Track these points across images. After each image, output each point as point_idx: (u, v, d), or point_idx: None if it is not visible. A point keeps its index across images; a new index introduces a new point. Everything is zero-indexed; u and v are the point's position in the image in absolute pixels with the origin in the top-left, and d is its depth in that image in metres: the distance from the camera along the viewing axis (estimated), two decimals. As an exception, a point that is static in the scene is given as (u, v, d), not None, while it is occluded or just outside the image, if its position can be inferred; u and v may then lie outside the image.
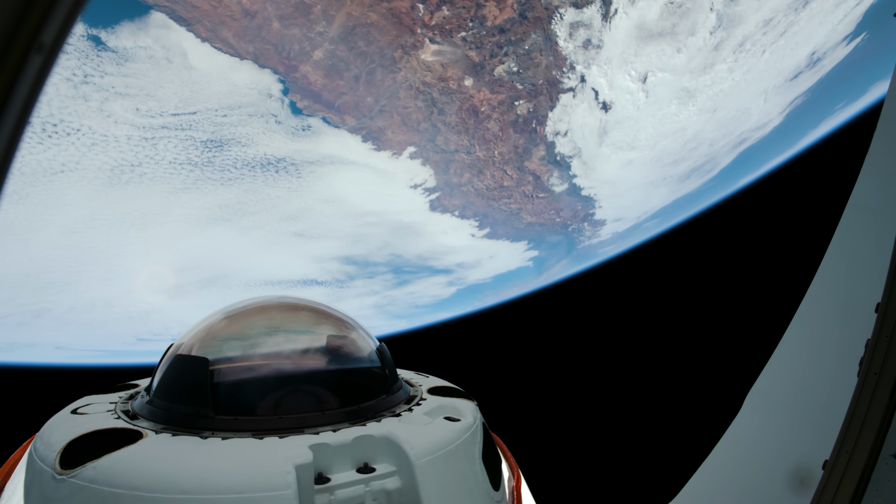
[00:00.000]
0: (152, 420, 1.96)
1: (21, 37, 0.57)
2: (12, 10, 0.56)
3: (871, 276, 2.36)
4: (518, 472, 2.90)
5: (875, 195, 2.71)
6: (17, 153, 0.64)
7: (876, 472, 2.09)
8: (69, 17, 0.61)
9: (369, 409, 2.15)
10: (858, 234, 2.78)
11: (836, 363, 2.60)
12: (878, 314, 2.18)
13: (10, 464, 2.40)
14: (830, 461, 2.26)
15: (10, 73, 0.58)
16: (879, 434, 2.09)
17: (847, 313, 2.67)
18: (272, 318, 2.63)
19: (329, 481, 1.72)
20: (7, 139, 0.61)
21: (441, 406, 2.35)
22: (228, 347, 2.41)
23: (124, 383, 2.66)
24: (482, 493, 2.03)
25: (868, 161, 2.74)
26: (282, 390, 2.17)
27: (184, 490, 1.47)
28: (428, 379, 2.90)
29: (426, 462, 1.79)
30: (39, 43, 0.59)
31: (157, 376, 2.26)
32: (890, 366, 2.09)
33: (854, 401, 2.21)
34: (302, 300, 2.77)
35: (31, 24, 0.58)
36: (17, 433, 2.86)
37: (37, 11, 0.58)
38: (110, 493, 1.47)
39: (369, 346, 2.63)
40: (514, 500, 2.59)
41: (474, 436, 2.13)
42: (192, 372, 2.10)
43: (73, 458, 1.60)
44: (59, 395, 2.44)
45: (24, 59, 0.58)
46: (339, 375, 2.49)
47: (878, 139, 2.69)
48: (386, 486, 1.78)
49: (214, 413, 1.91)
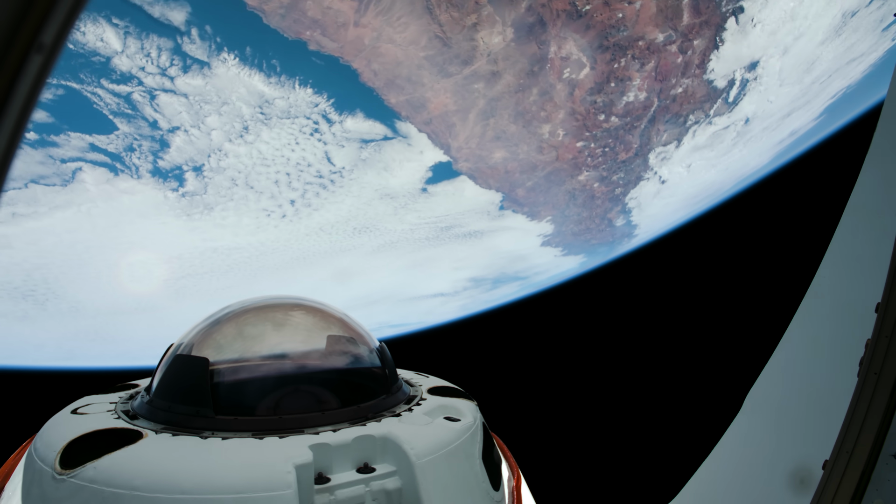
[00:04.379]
0: (152, 420, 1.96)
1: (21, 37, 0.57)
2: (12, 10, 0.56)
3: (871, 276, 2.36)
4: (518, 472, 2.90)
5: (875, 195, 2.71)
6: (17, 153, 0.64)
7: (876, 472, 2.09)
8: (69, 17, 0.61)
9: (369, 409, 2.15)
10: (858, 234, 2.78)
11: (836, 363, 2.60)
12: (878, 314, 2.18)
13: (9, 464, 2.40)
14: (830, 461, 2.26)
15: (10, 73, 0.58)
16: (879, 434, 2.09)
17: (847, 313, 2.67)
18: (272, 318, 2.63)
19: (329, 481, 1.72)
20: (7, 139, 0.61)
21: (441, 406, 2.35)
22: (228, 347, 2.41)
23: (124, 383, 2.65)
24: (482, 493, 2.03)
25: (868, 161, 2.73)
26: (282, 390, 2.17)
27: (184, 490, 1.47)
28: (428, 379, 2.90)
29: (426, 462, 1.79)
30: (39, 43, 0.59)
31: (157, 376, 2.26)
32: (890, 366, 2.09)
33: (854, 401, 2.21)
34: (302, 300, 2.76)
35: (31, 24, 0.58)
36: (17, 433, 2.86)
37: (37, 11, 0.58)
38: (110, 493, 1.47)
39: (369, 346, 2.63)
40: (514, 500, 2.59)
41: (474, 436, 2.13)
42: (193, 372, 2.10)
43: (73, 458, 1.60)
44: (60, 396, 2.44)
45: (24, 59, 0.58)
46: (339, 375, 2.49)
47: (878, 139, 2.69)
48: (386, 486, 1.77)
49: (214, 413, 1.91)
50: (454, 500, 1.87)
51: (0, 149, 0.61)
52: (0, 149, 0.61)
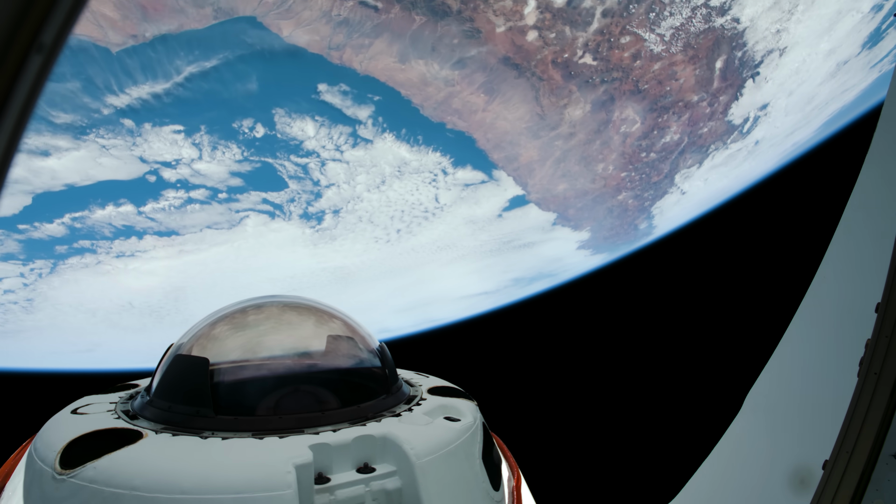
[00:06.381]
0: (152, 420, 1.96)
1: (21, 37, 0.57)
2: (12, 10, 0.56)
3: (871, 276, 2.35)
4: (518, 472, 2.90)
5: (875, 195, 2.71)
6: (16, 153, 0.64)
7: (876, 472, 2.09)
8: (69, 17, 0.61)
9: (369, 409, 2.14)
10: (858, 234, 2.78)
11: (836, 363, 2.59)
12: (878, 314, 2.17)
13: (9, 464, 2.40)
14: (830, 461, 2.26)
15: (10, 73, 0.58)
16: (879, 434, 2.09)
17: (847, 313, 2.67)
18: (272, 318, 2.62)
19: (329, 481, 1.72)
20: (7, 139, 0.61)
21: (441, 406, 2.35)
22: (228, 347, 2.40)
23: (124, 383, 2.65)
24: (482, 493, 2.03)
25: (868, 161, 2.73)
26: (282, 390, 2.17)
27: (184, 490, 1.47)
28: (428, 379, 2.90)
29: (426, 462, 1.79)
30: (39, 43, 0.59)
31: (157, 376, 2.26)
32: (890, 366, 2.09)
33: (854, 401, 2.21)
34: (302, 300, 2.76)
35: (31, 24, 0.58)
36: (17, 433, 2.86)
37: (37, 11, 0.58)
38: (110, 493, 1.47)
39: (369, 346, 2.63)
40: (514, 500, 2.59)
41: (474, 436, 2.13)
42: (193, 372, 2.10)
43: (73, 458, 1.60)
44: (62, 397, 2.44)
45: (24, 59, 0.58)
46: (339, 375, 2.49)
47: (878, 139, 2.69)
48: (386, 486, 1.77)
49: (214, 413, 1.91)
50: (454, 500, 1.87)
51: (0, 149, 0.61)
52: (0, 149, 0.61)
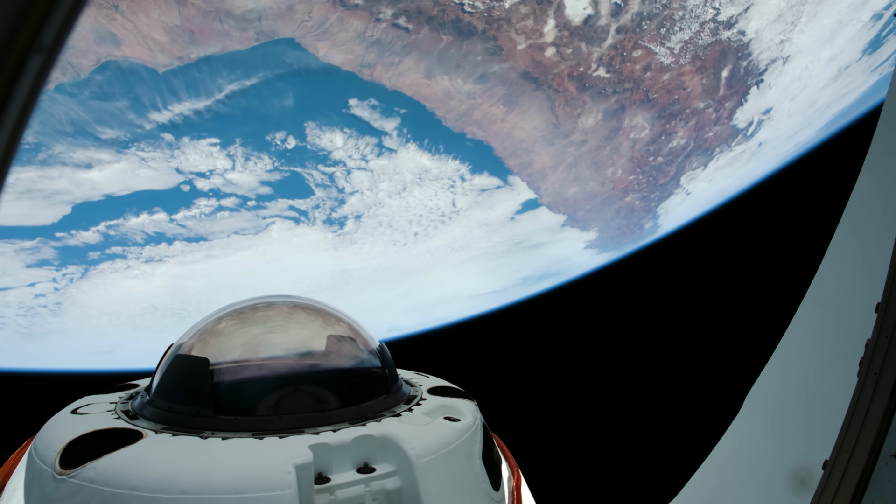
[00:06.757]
0: (152, 420, 1.96)
1: (21, 37, 0.57)
2: (12, 10, 0.56)
3: (871, 276, 2.36)
4: (518, 472, 2.90)
5: (875, 195, 2.71)
6: (16, 153, 0.64)
7: (876, 472, 2.09)
8: (69, 17, 0.61)
9: (369, 409, 2.14)
10: (858, 234, 2.78)
11: (836, 363, 2.60)
12: (878, 314, 2.17)
13: (10, 464, 2.40)
14: (830, 461, 2.26)
15: (10, 73, 0.58)
16: (879, 434, 2.09)
17: (847, 313, 2.67)
18: (272, 318, 2.62)
19: (329, 481, 1.72)
20: (7, 139, 0.61)
21: (441, 406, 2.35)
22: (228, 347, 2.40)
23: (124, 383, 2.65)
24: (482, 493, 2.03)
25: (868, 161, 2.73)
26: (282, 390, 2.17)
27: (184, 490, 1.47)
28: (428, 379, 2.90)
29: (426, 462, 1.79)
30: (39, 43, 0.59)
31: (157, 376, 2.26)
32: (890, 366, 2.09)
33: (854, 401, 2.21)
34: (302, 300, 2.76)
35: (31, 24, 0.58)
36: (17, 433, 2.86)
37: (37, 11, 0.58)
38: (110, 493, 1.47)
39: (369, 346, 2.63)
40: (514, 500, 2.59)
41: (474, 436, 2.13)
42: (193, 372, 2.10)
43: (73, 458, 1.60)
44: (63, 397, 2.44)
45: (24, 59, 0.58)
46: (339, 375, 2.49)
47: (878, 139, 2.69)
48: (386, 486, 1.77)
49: (214, 413, 1.91)
50: (454, 500, 1.87)
51: (0, 149, 0.61)
52: (0, 149, 0.61)
